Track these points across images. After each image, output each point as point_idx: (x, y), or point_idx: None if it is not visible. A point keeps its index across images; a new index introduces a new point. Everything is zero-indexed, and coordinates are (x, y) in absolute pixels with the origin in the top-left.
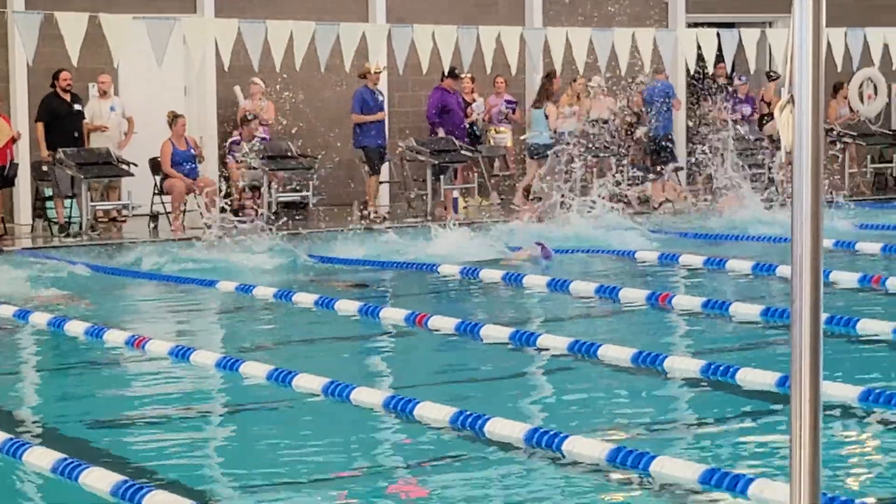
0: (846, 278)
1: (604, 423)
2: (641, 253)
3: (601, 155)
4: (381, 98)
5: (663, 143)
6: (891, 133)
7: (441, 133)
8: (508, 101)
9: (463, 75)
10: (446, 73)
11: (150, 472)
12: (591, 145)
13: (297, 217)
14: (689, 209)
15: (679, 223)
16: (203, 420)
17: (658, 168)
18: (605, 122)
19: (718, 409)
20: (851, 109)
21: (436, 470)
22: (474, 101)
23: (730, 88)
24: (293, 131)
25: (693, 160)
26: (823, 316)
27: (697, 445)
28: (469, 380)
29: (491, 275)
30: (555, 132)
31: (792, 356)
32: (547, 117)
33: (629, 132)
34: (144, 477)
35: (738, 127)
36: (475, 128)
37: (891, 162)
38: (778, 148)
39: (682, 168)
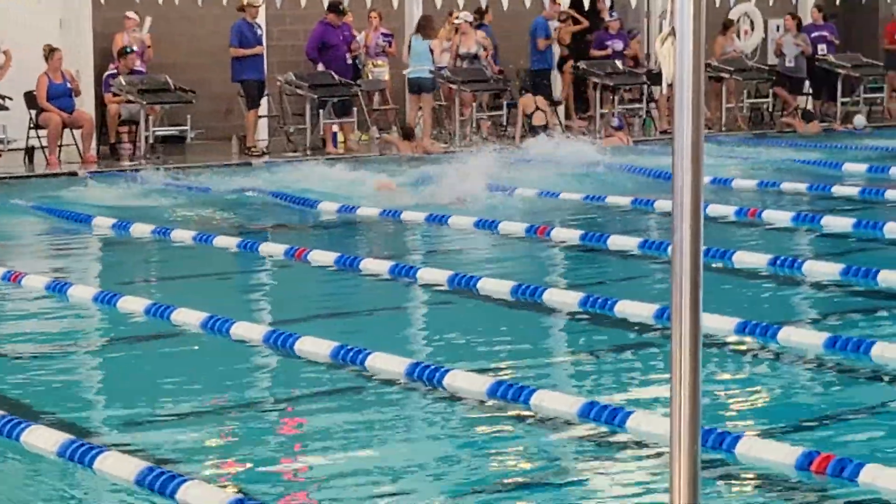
0: (723, 211)
1: (484, 357)
2: (522, 189)
3: (477, 90)
4: (259, 32)
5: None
6: (766, 68)
7: (321, 68)
8: (384, 35)
9: (344, 8)
10: (327, 8)
11: (27, 408)
12: (466, 79)
13: (175, 151)
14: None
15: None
16: (81, 355)
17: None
18: (476, 56)
19: (598, 342)
20: None
21: (316, 404)
22: (355, 35)
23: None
24: (171, 64)
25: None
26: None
27: (577, 378)
28: (349, 314)
29: (369, 212)
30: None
31: (672, 288)
32: (432, 51)
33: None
34: (21, 412)
35: (617, 62)
36: (357, 62)
37: (766, 97)
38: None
39: (560, 102)
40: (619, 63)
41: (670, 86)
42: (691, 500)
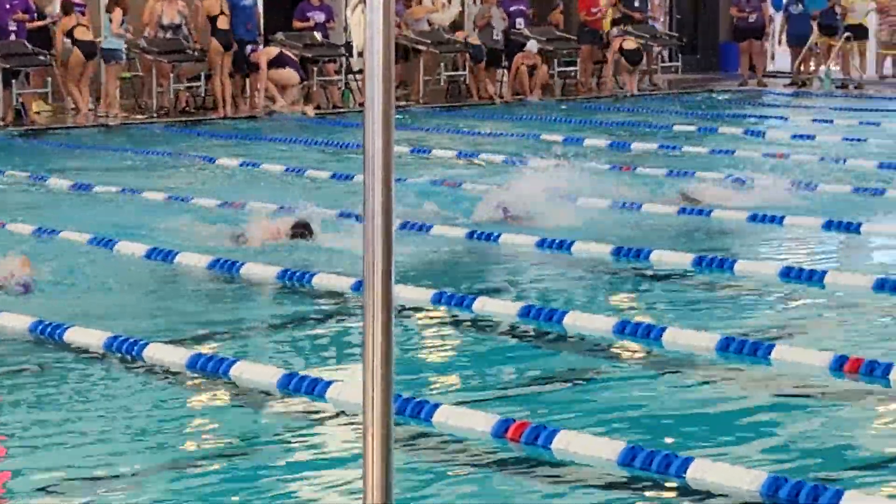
0: (419, 181)
1: (184, 329)
2: (224, 159)
3: (175, 61)
4: None
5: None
6: (461, 42)
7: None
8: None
9: None
10: None
11: None
12: (163, 50)
13: None
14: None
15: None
16: None
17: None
18: (178, 26)
19: (296, 313)
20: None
21: (13, 380)
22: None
23: None
24: None
25: None
26: (396, 221)
27: (277, 349)
28: (45, 287)
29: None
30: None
31: (364, 259)
32: (111, 22)
33: None
34: None
35: (317, 34)
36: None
37: (463, 70)
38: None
39: None
40: (318, 35)
41: (360, 55)
42: (384, 469)
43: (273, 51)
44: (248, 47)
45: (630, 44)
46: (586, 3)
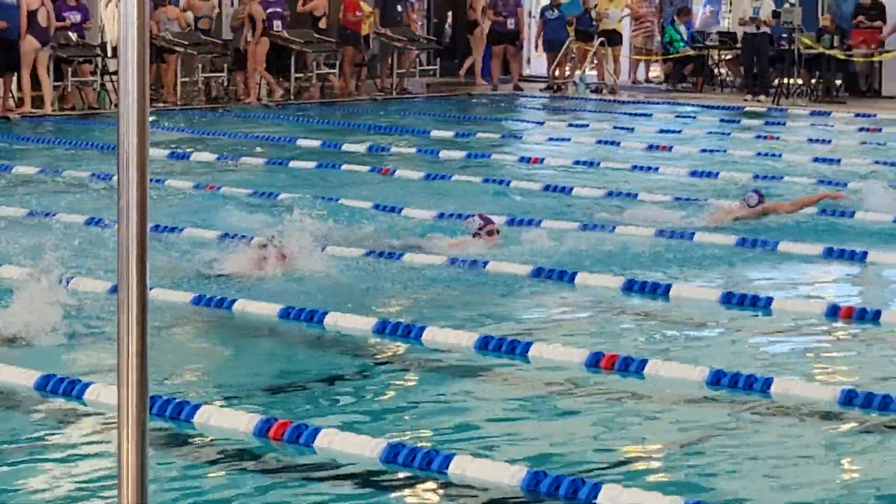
0: (181, 185)
1: None
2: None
3: None
4: None
5: None
6: (221, 42)
7: None
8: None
9: None
10: None
11: None
12: None
13: None
14: None
15: None
16: None
17: None
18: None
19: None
20: None
21: None
22: None
23: None
24: None
25: None
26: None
27: (39, 352)
28: None
29: None
30: None
31: (119, 256)
32: None
33: None
34: None
35: (71, 34)
36: None
37: (221, 71)
38: None
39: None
40: (73, 35)
41: (114, 48)
42: (139, 469)
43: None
44: None
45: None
46: (349, 6)
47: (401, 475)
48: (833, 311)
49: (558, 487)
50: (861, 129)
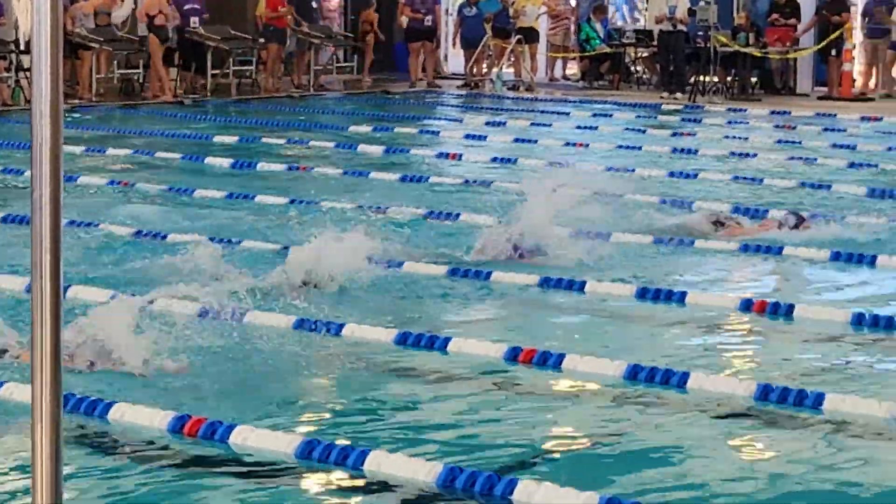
0: (95, 181)
1: None
2: None
3: None
4: None
5: None
6: (137, 39)
7: None
8: None
9: None
10: None
11: None
12: None
13: None
14: None
15: None
16: None
17: None
18: None
19: None
20: None
21: None
22: None
23: None
24: None
25: None
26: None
27: None
28: None
29: None
30: None
31: (32, 251)
32: None
33: None
34: None
35: None
36: None
37: (137, 67)
38: None
39: None
40: None
41: (27, 44)
42: (53, 469)
43: None
44: None
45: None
46: (272, 2)
47: (316, 471)
48: (747, 306)
49: (474, 483)
50: (776, 126)
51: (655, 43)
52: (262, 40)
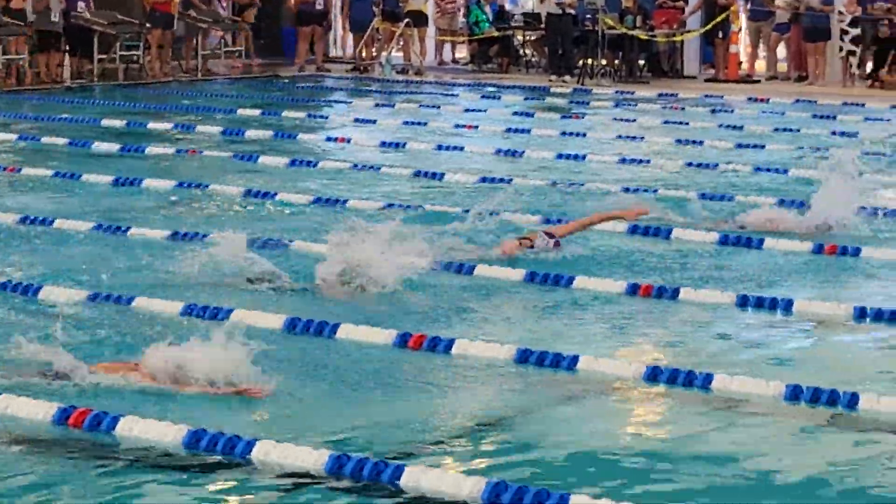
0: None
1: None
2: None
3: None
4: None
5: None
6: (22, 24)
7: None
8: None
9: None
10: None
11: None
12: None
13: None
14: None
15: None
16: None
17: None
18: None
19: None
20: None
21: None
22: None
23: None
24: None
25: None
26: None
27: None
28: None
29: None
30: None
31: None
32: None
33: None
34: None
35: None
36: None
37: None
38: None
39: None
40: None
41: None
42: None
43: None
44: None
45: None
46: None
47: (205, 461)
48: (633, 290)
49: (362, 469)
50: (664, 108)
51: (544, 26)
52: (148, 25)
